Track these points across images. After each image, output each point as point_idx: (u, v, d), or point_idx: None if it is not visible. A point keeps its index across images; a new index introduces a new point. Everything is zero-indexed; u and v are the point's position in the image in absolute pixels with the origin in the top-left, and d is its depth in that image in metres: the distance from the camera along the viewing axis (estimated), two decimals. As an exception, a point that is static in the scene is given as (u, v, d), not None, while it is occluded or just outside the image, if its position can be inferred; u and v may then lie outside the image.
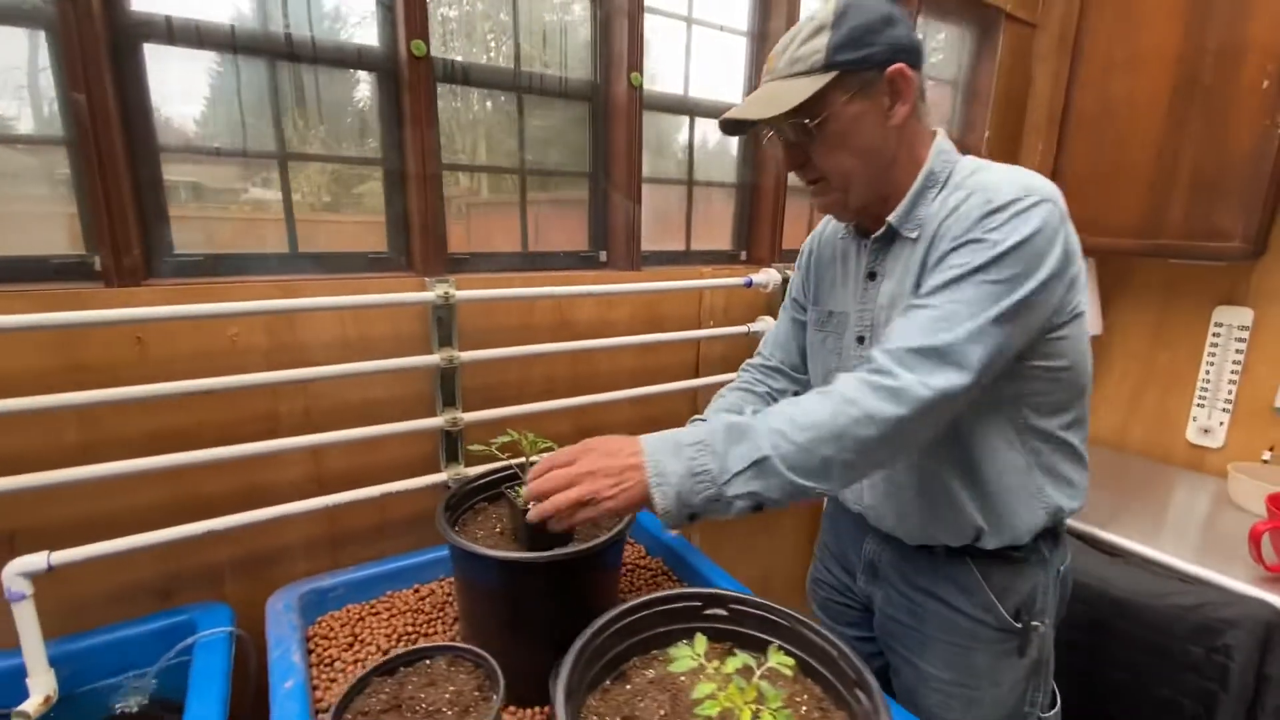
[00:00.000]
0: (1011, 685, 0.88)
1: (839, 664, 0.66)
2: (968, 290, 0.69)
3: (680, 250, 1.65)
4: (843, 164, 0.79)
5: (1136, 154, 1.68)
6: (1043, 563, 0.86)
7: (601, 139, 1.44)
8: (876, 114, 0.77)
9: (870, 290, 0.87)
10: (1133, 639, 1.18)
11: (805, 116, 0.75)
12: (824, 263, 0.98)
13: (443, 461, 1.24)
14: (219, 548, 1.11)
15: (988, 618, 0.86)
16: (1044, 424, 0.81)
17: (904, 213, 0.81)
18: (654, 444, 0.71)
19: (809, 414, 0.68)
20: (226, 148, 1.11)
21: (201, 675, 0.90)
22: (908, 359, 0.68)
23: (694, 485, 0.67)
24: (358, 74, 1.19)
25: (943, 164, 0.80)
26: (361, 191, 1.25)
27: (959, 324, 0.68)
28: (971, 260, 0.70)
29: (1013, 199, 0.70)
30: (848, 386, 0.69)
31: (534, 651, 0.89)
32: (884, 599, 0.97)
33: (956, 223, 0.73)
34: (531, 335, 1.31)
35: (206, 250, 1.11)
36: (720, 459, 0.68)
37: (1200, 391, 1.81)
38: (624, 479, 0.69)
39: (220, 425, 1.06)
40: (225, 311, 0.98)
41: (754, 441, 0.68)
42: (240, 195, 1.16)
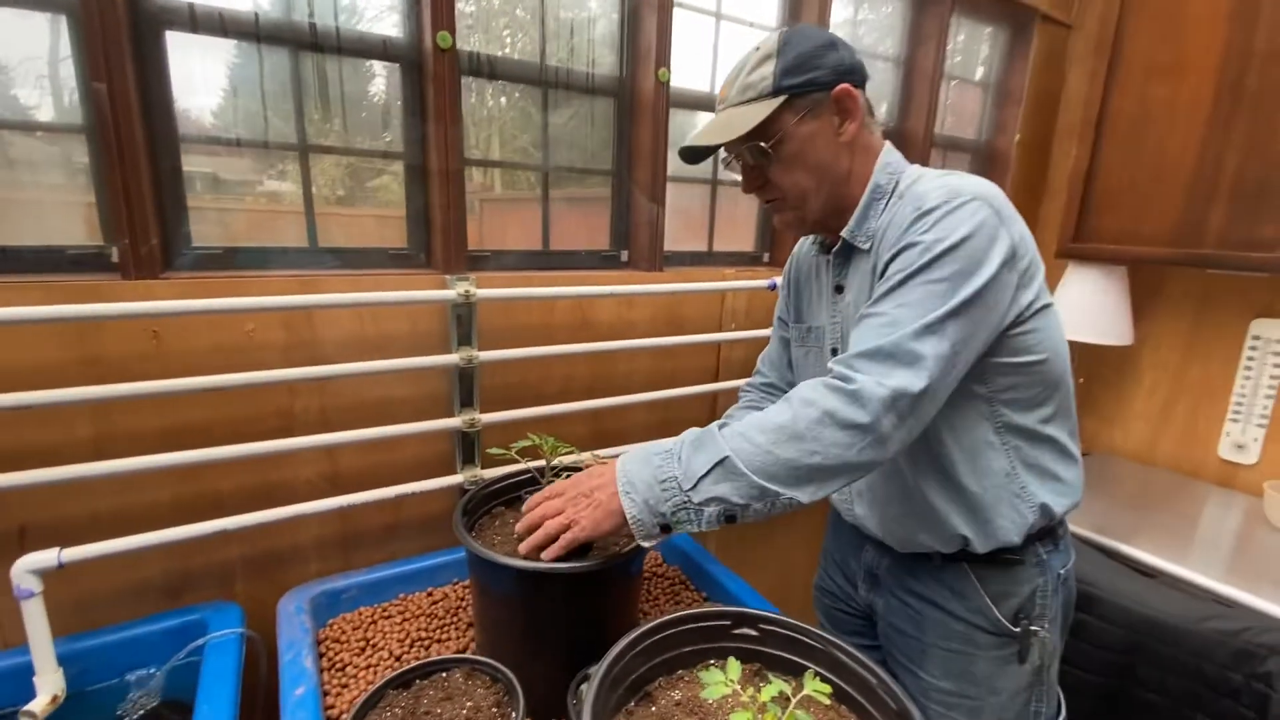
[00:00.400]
0: (1013, 694, 0.86)
1: (878, 693, 0.62)
2: (912, 293, 0.71)
3: (703, 251, 1.61)
4: (799, 182, 0.82)
5: (1176, 160, 1.63)
6: (1040, 565, 0.85)
7: (626, 136, 1.41)
8: (828, 132, 0.81)
9: (839, 303, 0.90)
10: (1168, 662, 1.13)
11: (761, 139, 0.79)
12: (802, 280, 1.00)
13: (459, 463, 1.22)
14: (231, 546, 1.09)
15: (983, 622, 0.85)
16: (1023, 420, 0.81)
17: (855, 225, 0.84)
18: (628, 456, 0.75)
19: (770, 418, 0.70)
20: (247, 138, 1.09)
21: (212, 677, 0.88)
22: (860, 362, 0.70)
23: (661, 493, 0.70)
24: (380, 66, 1.17)
25: (887, 176, 0.83)
26: (375, 185, 1.23)
27: (906, 324, 0.69)
28: (909, 264, 0.72)
29: (940, 203, 0.72)
30: (807, 390, 0.71)
31: (551, 662, 0.86)
32: (884, 607, 0.97)
33: (892, 231, 0.77)
34: (551, 335, 1.29)
35: (224, 243, 1.09)
36: (685, 465, 0.70)
37: (1235, 406, 1.75)
38: (593, 499, 0.74)
39: (235, 422, 1.04)
40: (243, 306, 0.96)
41: (716, 445, 0.70)
42: (256, 187, 1.14)
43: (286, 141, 1.11)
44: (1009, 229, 0.73)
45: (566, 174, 1.41)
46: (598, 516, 0.74)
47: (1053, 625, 0.86)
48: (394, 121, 1.20)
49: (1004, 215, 0.73)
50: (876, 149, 0.85)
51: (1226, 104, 1.54)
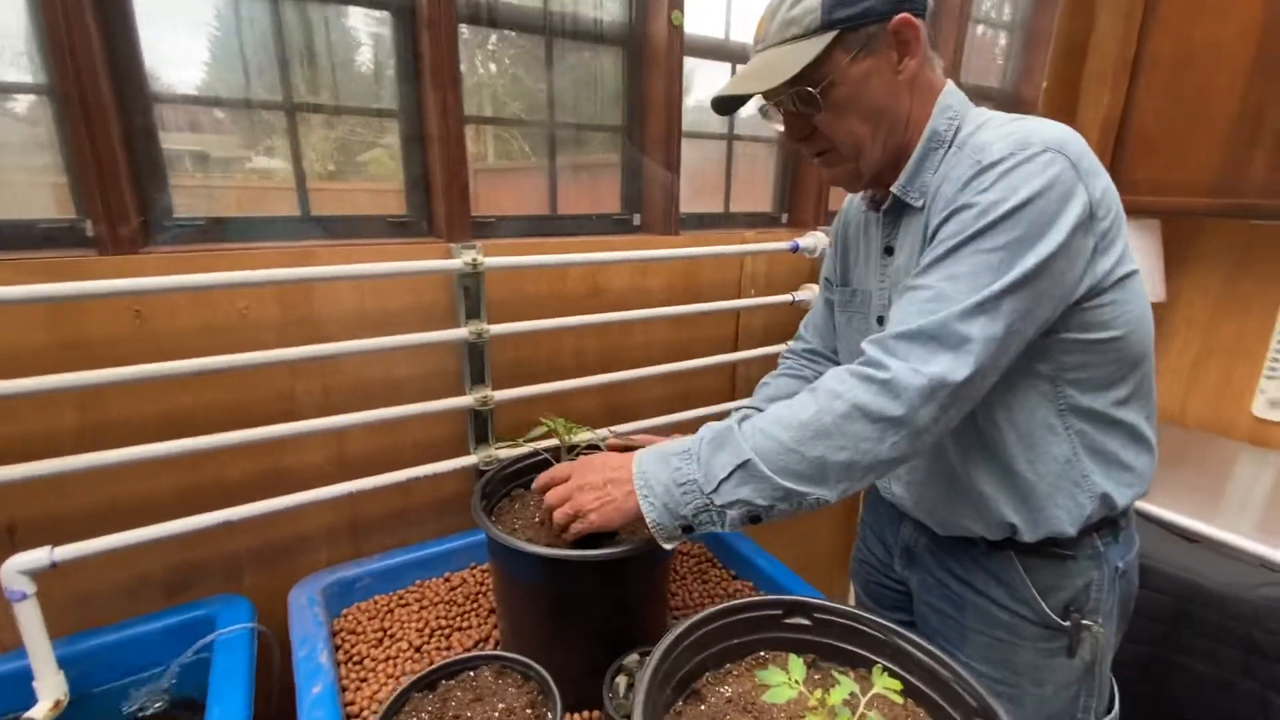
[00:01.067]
0: (1058, 687, 0.80)
1: (952, 687, 0.57)
2: (963, 263, 0.62)
3: (719, 213, 1.52)
4: (853, 130, 0.72)
5: (1218, 105, 1.53)
6: (1097, 558, 0.77)
7: (637, 88, 1.31)
8: (885, 71, 0.70)
9: (888, 267, 0.81)
10: (1216, 630, 1.09)
11: (808, 84, 0.68)
12: (851, 239, 0.91)
13: (472, 443, 1.16)
14: (236, 538, 1.03)
15: (1029, 613, 0.78)
16: (1091, 403, 0.72)
17: (907, 179, 0.75)
18: (644, 455, 0.70)
19: (795, 412, 0.64)
20: (227, 96, 0.99)
21: (223, 675, 0.84)
22: (897, 345, 0.63)
23: (680, 496, 0.66)
24: (370, 16, 1.07)
25: (947, 122, 0.73)
26: (367, 159, 1.13)
27: (954, 301, 0.61)
28: (963, 229, 0.63)
29: (1004, 155, 0.63)
30: (835, 379, 0.65)
31: (581, 651, 0.82)
32: (920, 585, 0.91)
33: (948, 187, 0.67)
34: (563, 306, 1.21)
35: (210, 214, 1.00)
36: (705, 467, 0.65)
37: (1271, 362, 1.69)
38: (606, 493, 0.70)
39: (233, 407, 0.98)
40: (234, 281, 0.88)
41: (736, 445, 0.65)
42: (245, 163, 1.05)
43: (271, 100, 1.02)
44: (1088, 184, 0.63)
45: (573, 133, 1.31)
46: (608, 512, 0.69)
47: (1108, 619, 0.79)
48: (386, 76, 1.10)
49: (1082, 169, 0.63)
50: (938, 89, 0.74)
51: (1273, 43, 1.44)
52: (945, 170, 0.71)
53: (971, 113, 0.74)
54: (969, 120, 0.73)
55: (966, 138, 0.70)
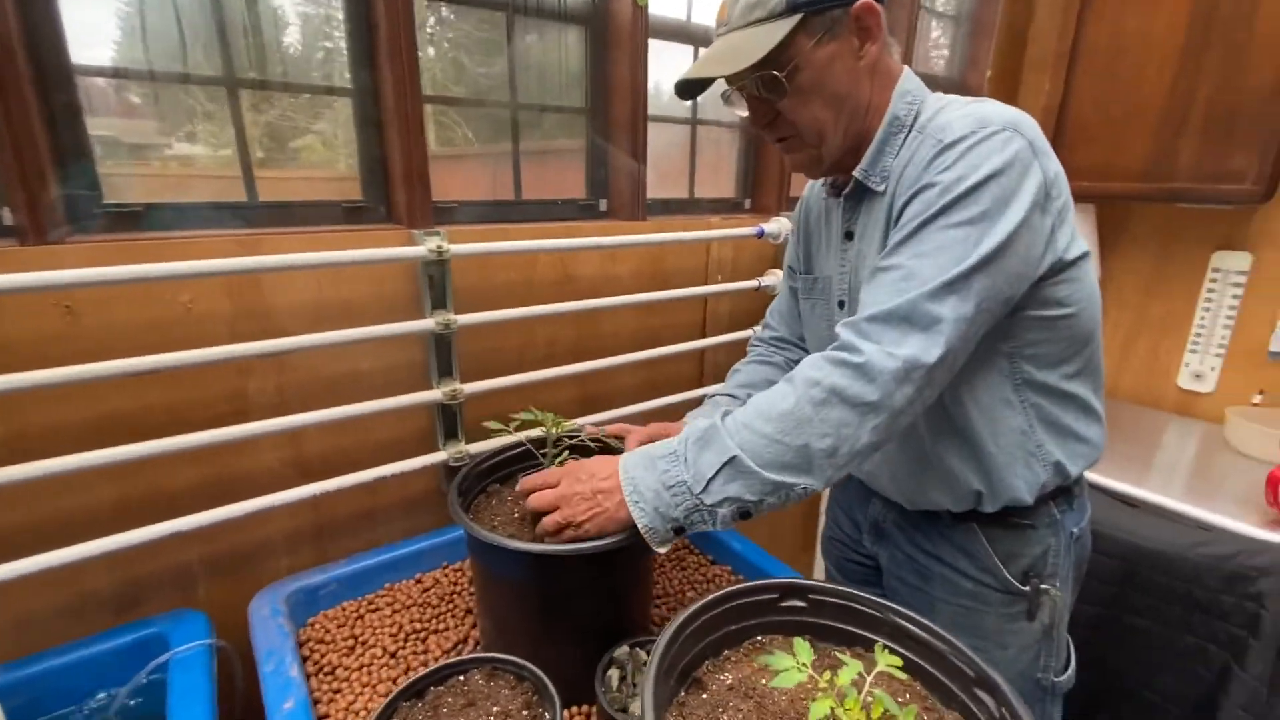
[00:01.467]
0: (1020, 649, 0.84)
1: (950, 659, 0.58)
2: (930, 241, 0.63)
3: (684, 199, 1.51)
4: (816, 116, 0.72)
5: (1149, 92, 1.62)
6: (1054, 525, 0.81)
7: (601, 69, 1.28)
8: (848, 56, 0.71)
9: (848, 251, 0.82)
10: (1160, 589, 1.17)
11: (773, 68, 0.68)
12: (812, 224, 0.92)
13: (440, 439, 1.11)
14: (187, 548, 0.96)
15: (992, 581, 0.82)
16: (1044, 377, 0.75)
17: (869, 163, 0.76)
18: (629, 461, 0.69)
19: (775, 404, 0.65)
20: (161, 71, 0.91)
21: (182, 696, 0.78)
22: (870, 328, 0.63)
23: (670, 498, 0.65)
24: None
25: (906, 106, 0.74)
26: (300, 146, 1.05)
27: (923, 280, 0.62)
28: (927, 207, 0.64)
29: (964, 134, 0.64)
30: (811, 367, 0.65)
31: (568, 647, 0.80)
32: (890, 559, 0.94)
33: (911, 169, 0.69)
34: (531, 294, 1.18)
35: (146, 199, 0.92)
36: (692, 467, 0.65)
37: (1194, 337, 1.81)
38: (597, 503, 0.69)
39: (178, 409, 0.91)
40: (176, 272, 0.81)
41: (721, 443, 0.65)
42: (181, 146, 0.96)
43: (211, 76, 0.94)
44: (1043, 164, 0.65)
45: (535, 115, 1.27)
46: (602, 523, 0.69)
47: (1064, 583, 0.83)
48: (339, 51, 1.03)
49: (1038, 148, 0.65)
50: (896, 74, 0.75)
51: (1199, 34, 1.53)
52: (907, 154, 0.72)
53: (930, 97, 0.75)
54: (928, 105, 0.74)
55: (926, 121, 0.72)
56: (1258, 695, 1.05)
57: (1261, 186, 1.49)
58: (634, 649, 0.78)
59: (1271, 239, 1.64)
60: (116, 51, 0.88)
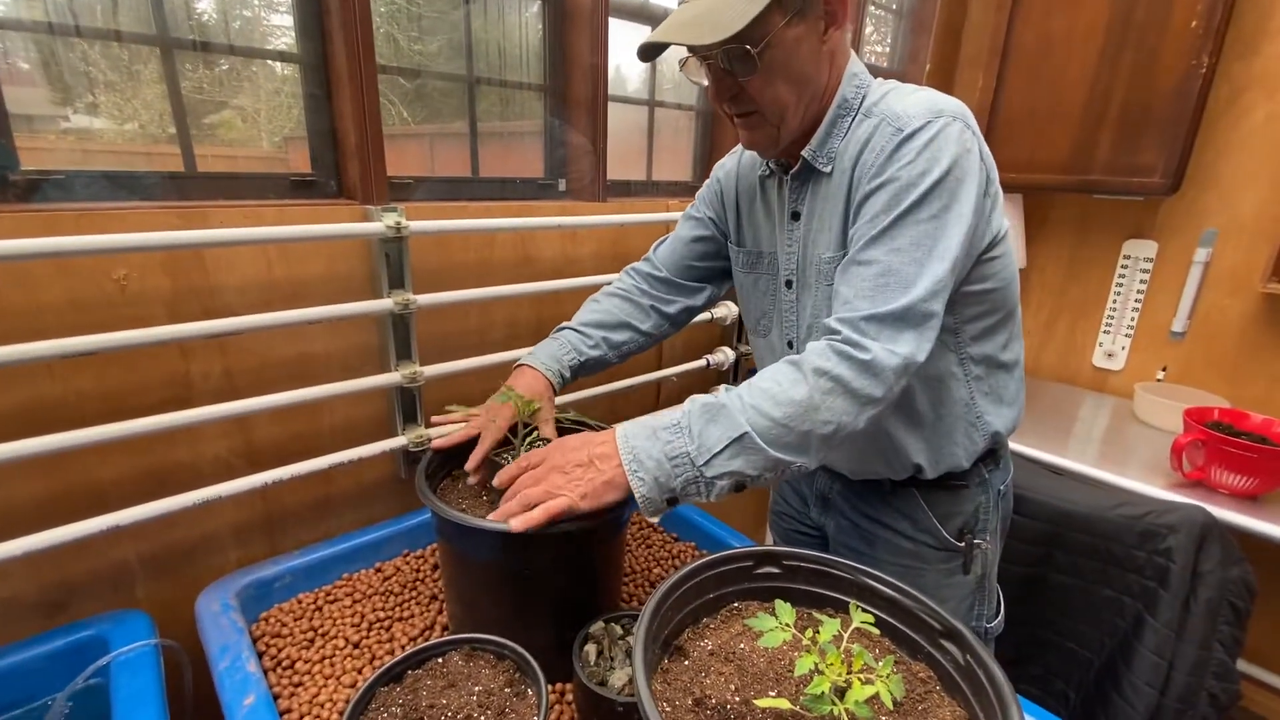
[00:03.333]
0: (958, 601, 0.91)
1: (917, 614, 0.62)
2: (903, 236, 0.67)
3: (642, 180, 1.51)
4: (779, 95, 0.73)
5: (1071, 90, 1.73)
6: (983, 484, 0.89)
7: (559, 46, 1.25)
8: (813, 38, 0.72)
9: (795, 231, 0.83)
10: (1082, 547, 1.27)
11: (746, 42, 0.68)
12: (742, 199, 0.92)
13: (400, 424, 1.08)
14: (124, 545, 0.90)
15: (930, 540, 0.89)
16: (983, 349, 0.81)
17: (817, 145, 0.77)
18: (627, 430, 0.69)
19: (787, 390, 0.66)
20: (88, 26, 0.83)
21: (129, 700, 0.73)
22: (869, 327, 0.67)
23: (671, 469, 0.66)
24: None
25: (854, 90, 0.76)
26: (215, 122, 0.99)
27: (909, 279, 0.66)
28: (896, 203, 0.68)
29: (922, 125, 0.68)
30: (821, 359, 0.67)
31: (543, 627, 0.80)
32: (836, 528, 0.99)
33: (871, 156, 0.71)
34: (490, 274, 1.15)
35: (70, 166, 0.84)
36: (697, 440, 0.66)
37: (1107, 320, 1.96)
38: (592, 470, 0.68)
39: (113, 395, 0.84)
40: (107, 246, 0.75)
41: (731, 420, 0.66)
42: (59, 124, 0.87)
43: (144, 34, 0.86)
44: (981, 149, 0.71)
45: (492, 90, 1.23)
46: (597, 489, 0.68)
47: (993, 536, 0.91)
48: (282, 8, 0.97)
49: (978, 135, 0.71)
50: (846, 59, 0.78)
51: (1116, 35, 1.65)
52: (857, 135, 0.74)
53: (874, 82, 0.78)
54: (873, 89, 0.77)
55: (873, 105, 0.74)
56: (1167, 641, 1.16)
57: (1168, 180, 1.63)
58: (609, 624, 0.79)
59: (1175, 229, 1.80)
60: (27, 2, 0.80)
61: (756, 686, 0.58)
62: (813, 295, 0.82)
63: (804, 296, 0.84)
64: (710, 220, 0.97)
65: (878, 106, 0.73)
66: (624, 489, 0.67)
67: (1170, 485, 1.37)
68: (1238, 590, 1.16)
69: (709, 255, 0.99)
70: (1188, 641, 1.15)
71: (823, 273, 0.79)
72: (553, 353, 0.94)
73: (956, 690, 0.58)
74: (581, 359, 0.95)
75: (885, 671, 0.51)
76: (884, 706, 0.53)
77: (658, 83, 1.50)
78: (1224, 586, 1.15)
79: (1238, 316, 1.71)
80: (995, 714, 0.52)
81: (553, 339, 0.97)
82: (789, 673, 0.59)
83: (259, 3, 0.97)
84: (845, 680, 0.51)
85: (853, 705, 0.49)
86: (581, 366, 0.96)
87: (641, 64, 1.47)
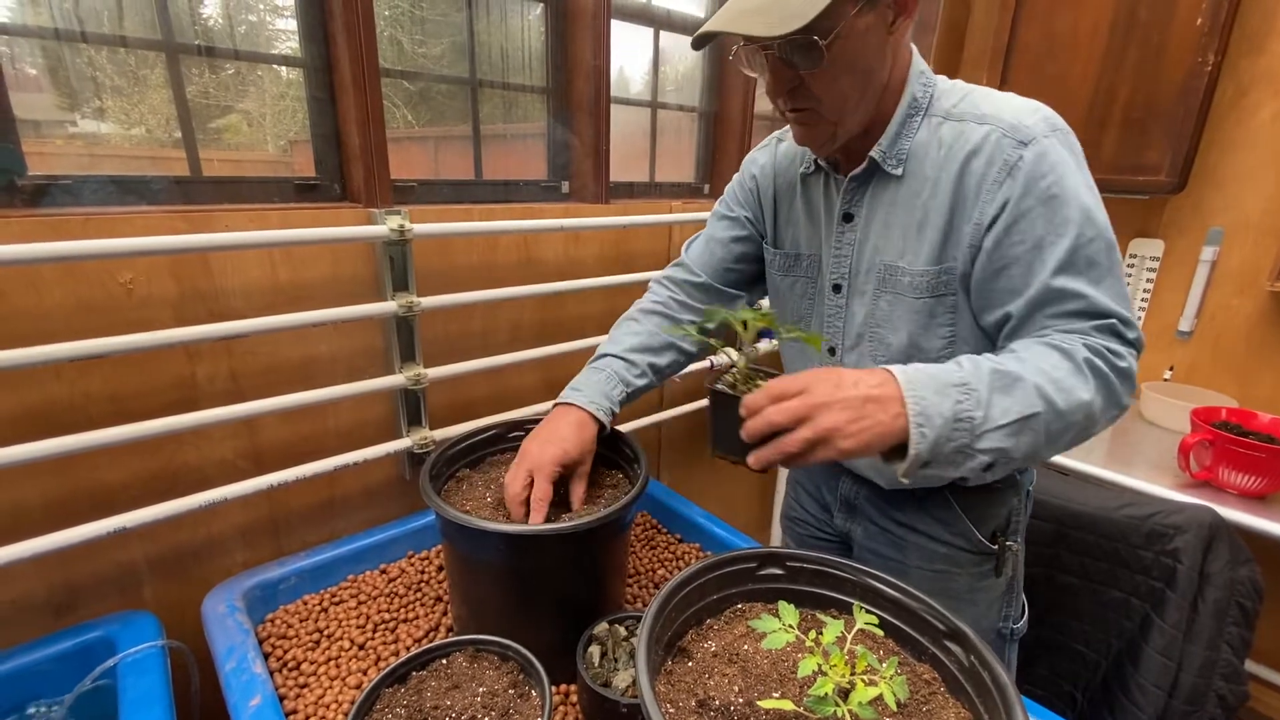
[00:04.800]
0: (989, 604, 0.90)
1: (921, 616, 0.62)
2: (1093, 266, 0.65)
3: (645, 182, 1.51)
4: (843, 90, 0.68)
5: (1075, 89, 1.73)
6: (1015, 485, 0.87)
7: (561, 47, 1.26)
8: (880, 29, 0.67)
9: (847, 234, 0.79)
10: (1089, 548, 1.26)
11: (816, 33, 0.62)
12: (781, 197, 0.88)
13: (404, 425, 1.08)
14: (130, 546, 0.91)
15: (965, 544, 0.87)
16: None
17: (888, 146, 0.73)
18: (913, 378, 0.60)
19: (1075, 388, 0.62)
20: (93, 32, 0.84)
21: (136, 701, 0.73)
22: (1113, 339, 0.65)
23: (951, 432, 0.59)
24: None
25: (922, 88, 0.72)
26: (221, 126, 0.99)
27: (1111, 303, 0.65)
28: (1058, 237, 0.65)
29: (1046, 133, 0.66)
30: (1102, 361, 0.64)
31: (547, 628, 0.80)
32: (863, 534, 0.96)
33: (979, 164, 0.67)
34: (494, 277, 1.16)
35: (77, 171, 0.85)
36: (984, 407, 0.59)
37: (1114, 319, 1.95)
38: (866, 413, 0.58)
39: (121, 397, 0.85)
40: (114, 250, 0.76)
41: (1026, 396, 0.60)
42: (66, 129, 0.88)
43: (149, 39, 0.87)
44: None
45: (496, 93, 1.24)
46: (869, 438, 0.58)
47: (1021, 537, 0.89)
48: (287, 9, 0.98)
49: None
50: (909, 54, 0.73)
51: (1120, 35, 1.64)
52: (934, 139, 0.70)
53: (939, 80, 0.74)
54: (940, 89, 0.73)
55: (953, 107, 0.71)
56: (1174, 642, 1.15)
57: (1174, 179, 1.62)
58: (613, 625, 0.79)
59: (1181, 228, 1.79)
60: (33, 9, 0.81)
61: (760, 688, 0.58)
62: (865, 302, 0.78)
63: (854, 303, 0.80)
64: (748, 220, 0.92)
65: (960, 107, 0.70)
66: (891, 442, 0.59)
67: (1178, 485, 1.36)
68: (1246, 591, 1.15)
69: (747, 258, 0.94)
70: (1195, 642, 1.14)
71: (885, 280, 0.76)
72: (600, 388, 0.85)
73: (961, 691, 0.58)
74: (629, 390, 0.88)
75: (889, 673, 0.51)
76: (888, 708, 0.53)
77: (660, 84, 1.50)
78: (1232, 587, 1.14)
79: (1245, 315, 1.70)
80: (1000, 715, 0.52)
81: (596, 370, 0.88)
82: (793, 674, 0.59)
83: (264, 7, 0.98)
84: (849, 682, 0.51)
85: (856, 707, 0.49)
86: (628, 399, 0.89)
87: (644, 66, 1.47)
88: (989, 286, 0.70)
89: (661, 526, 1.20)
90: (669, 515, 1.20)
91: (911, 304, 0.75)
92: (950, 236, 0.71)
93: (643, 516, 1.22)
